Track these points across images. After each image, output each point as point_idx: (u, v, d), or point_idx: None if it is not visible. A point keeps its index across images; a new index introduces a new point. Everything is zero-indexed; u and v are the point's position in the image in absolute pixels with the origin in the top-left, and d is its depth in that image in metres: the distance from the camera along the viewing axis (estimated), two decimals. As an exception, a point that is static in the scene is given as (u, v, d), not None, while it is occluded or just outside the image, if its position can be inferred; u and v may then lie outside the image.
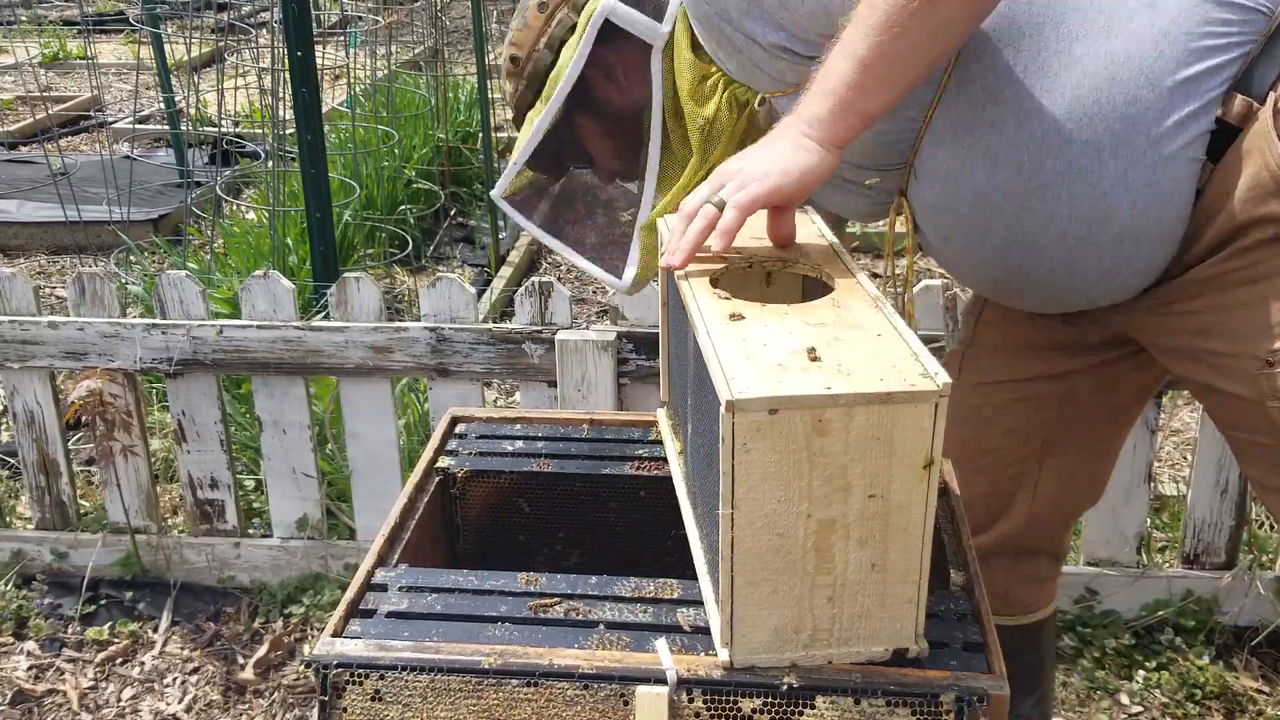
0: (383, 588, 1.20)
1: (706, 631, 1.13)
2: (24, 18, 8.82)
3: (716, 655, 1.08)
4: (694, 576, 1.19)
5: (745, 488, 1.00)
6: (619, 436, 1.52)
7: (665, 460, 1.45)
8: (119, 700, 2.50)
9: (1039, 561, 1.85)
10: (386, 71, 5.27)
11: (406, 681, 1.09)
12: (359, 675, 1.09)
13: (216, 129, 4.40)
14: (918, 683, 1.06)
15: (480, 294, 4.21)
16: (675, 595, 1.18)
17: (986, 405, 1.69)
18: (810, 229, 1.38)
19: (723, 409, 0.96)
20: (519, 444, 1.50)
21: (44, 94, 7.27)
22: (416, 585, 1.20)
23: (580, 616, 1.15)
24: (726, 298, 1.17)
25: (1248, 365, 1.33)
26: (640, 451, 1.48)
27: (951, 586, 1.22)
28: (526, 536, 1.47)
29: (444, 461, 1.48)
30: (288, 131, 3.67)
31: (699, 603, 1.17)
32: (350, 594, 1.17)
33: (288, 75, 3.13)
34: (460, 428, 1.57)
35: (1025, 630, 1.87)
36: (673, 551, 1.44)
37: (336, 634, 1.12)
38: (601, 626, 1.13)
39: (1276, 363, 1.30)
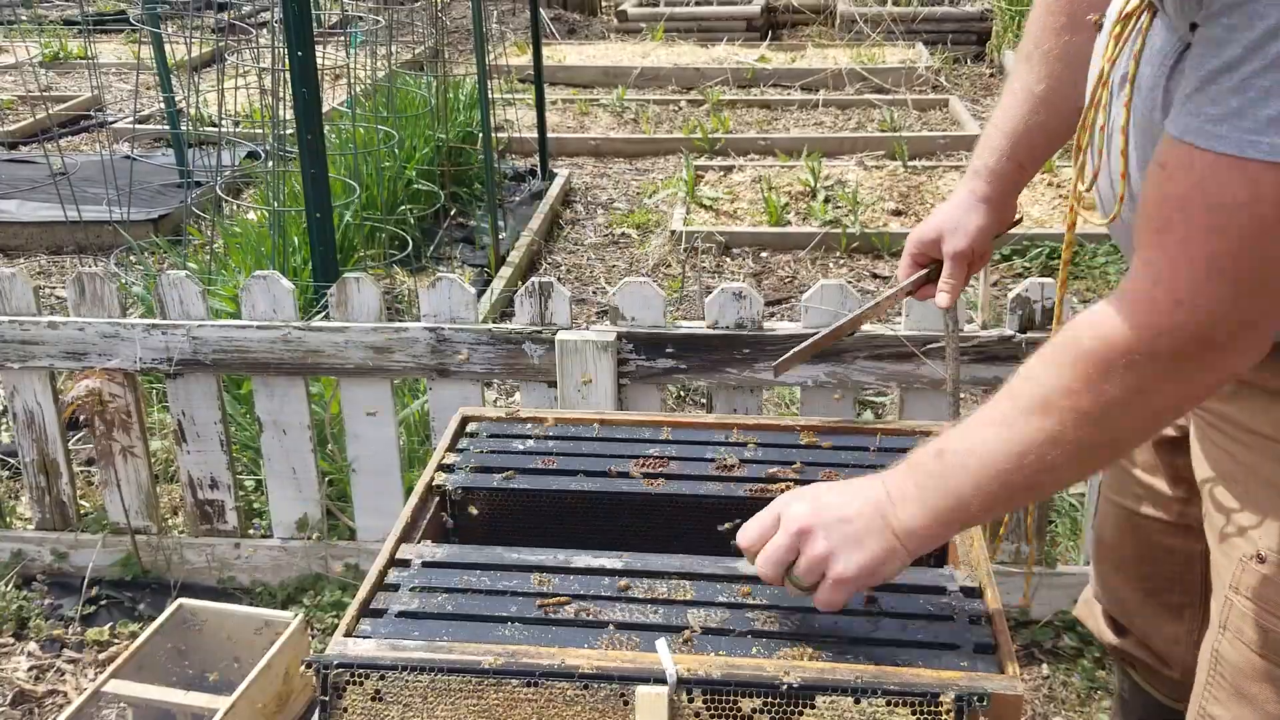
0: (394, 587, 1.20)
1: (717, 633, 1.13)
2: (24, 17, 8.81)
3: (723, 655, 1.08)
4: (701, 578, 1.19)
5: None
6: (630, 436, 1.52)
7: (673, 459, 1.45)
8: (119, 701, 2.50)
9: None
10: (387, 71, 5.26)
11: (407, 681, 1.08)
12: (359, 675, 1.08)
13: (216, 129, 4.39)
14: (917, 682, 1.06)
15: (480, 294, 4.21)
16: (688, 597, 1.18)
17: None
18: None
19: None
20: (530, 443, 1.50)
21: (44, 94, 7.25)
22: (429, 585, 1.20)
23: (591, 617, 1.15)
24: None
25: (1237, 544, 1.20)
26: (651, 451, 1.48)
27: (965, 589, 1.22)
28: (536, 534, 1.47)
29: (450, 459, 1.48)
30: (288, 131, 3.66)
31: (711, 604, 1.16)
32: (362, 594, 1.17)
33: (288, 75, 3.13)
34: (471, 427, 1.57)
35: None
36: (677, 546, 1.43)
37: (348, 633, 1.12)
38: (611, 627, 1.13)
39: (1268, 559, 1.16)
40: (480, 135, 5.03)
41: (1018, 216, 1.65)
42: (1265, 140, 0.89)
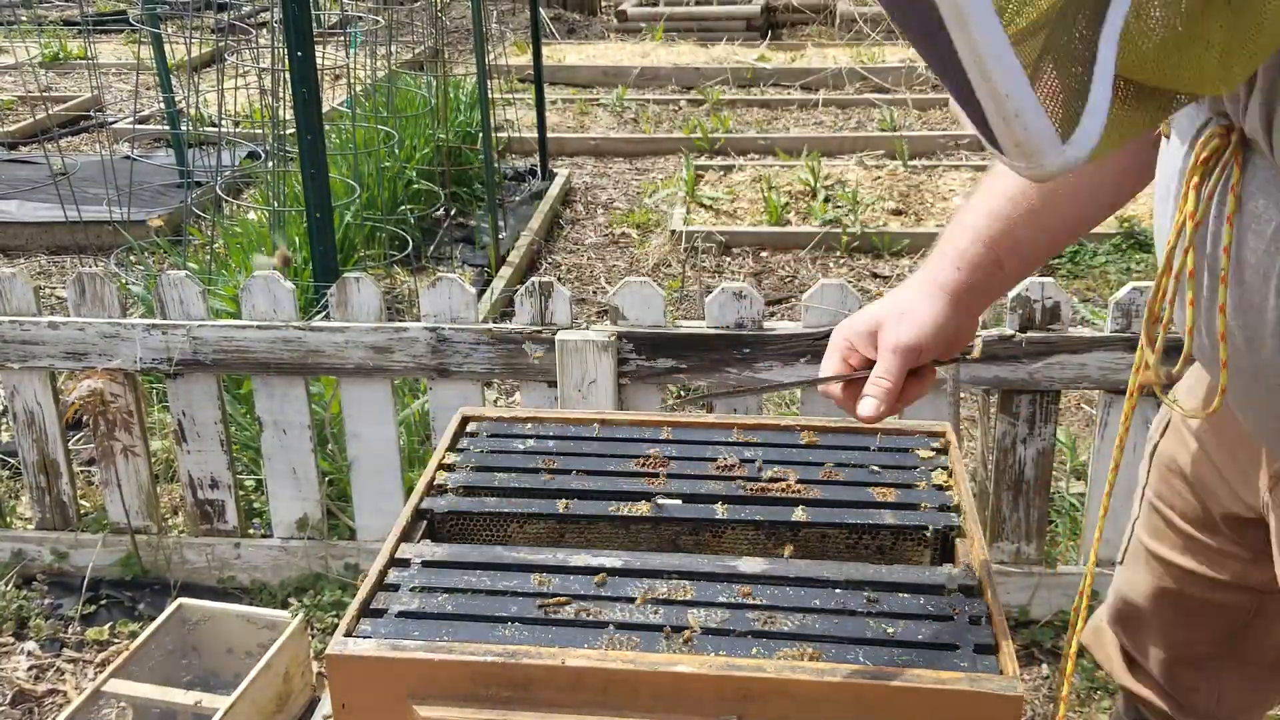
0: (394, 587, 1.20)
1: (717, 633, 1.12)
2: (24, 18, 8.81)
3: (723, 655, 1.08)
4: (701, 577, 1.19)
5: None
6: (630, 436, 1.52)
7: (673, 459, 1.45)
8: (120, 701, 2.50)
9: None
10: (387, 71, 5.26)
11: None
12: None
13: (216, 129, 4.39)
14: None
15: (480, 294, 4.21)
16: (688, 597, 1.18)
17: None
18: None
19: None
20: (530, 443, 1.50)
21: (44, 94, 7.26)
22: (429, 585, 1.20)
23: (591, 617, 1.15)
24: None
25: None
26: (650, 451, 1.48)
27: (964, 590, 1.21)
28: (535, 534, 1.47)
29: (451, 459, 1.48)
30: (288, 131, 3.66)
31: (711, 604, 1.16)
32: (362, 594, 1.17)
33: (288, 75, 3.13)
34: (471, 426, 1.57)
35: None
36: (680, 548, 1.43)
37: (348, 633, 1.12)
38: (611, 627, 1.13)
39: None
40: (480, 135, 5.03)
41: (972, 343, 1.28)
42: None
